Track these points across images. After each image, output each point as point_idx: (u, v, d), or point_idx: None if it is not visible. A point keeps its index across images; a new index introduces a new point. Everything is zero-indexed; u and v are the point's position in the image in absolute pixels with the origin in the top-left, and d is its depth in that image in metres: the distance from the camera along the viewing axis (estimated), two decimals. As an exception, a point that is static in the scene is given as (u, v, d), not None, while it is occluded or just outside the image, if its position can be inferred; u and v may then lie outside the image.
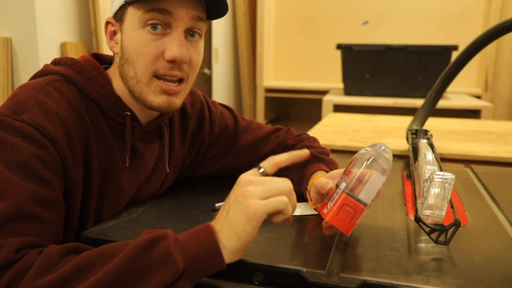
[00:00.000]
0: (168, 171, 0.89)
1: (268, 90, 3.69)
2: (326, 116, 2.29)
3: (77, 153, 0.71)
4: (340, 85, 3.21)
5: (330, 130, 1.83)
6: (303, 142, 0.98)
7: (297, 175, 0.90)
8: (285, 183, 0.61)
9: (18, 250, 0.55)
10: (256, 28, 3.66)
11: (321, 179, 0.73)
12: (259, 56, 3.66)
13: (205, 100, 0.98)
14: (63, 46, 2.05)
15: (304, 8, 3.79)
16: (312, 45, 3.82)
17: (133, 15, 0.73)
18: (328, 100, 2.82)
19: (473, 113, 2.74)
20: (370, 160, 0.63)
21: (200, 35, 0.77)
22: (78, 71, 0.75)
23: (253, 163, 0.76)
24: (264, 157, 0.92)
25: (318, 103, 2.93)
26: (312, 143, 0.99)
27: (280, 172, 0.95)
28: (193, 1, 0.74)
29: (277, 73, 3.97)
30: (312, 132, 1.79)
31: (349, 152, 1.51)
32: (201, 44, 0.79)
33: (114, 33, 0.78)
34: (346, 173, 0.65)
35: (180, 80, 0.76)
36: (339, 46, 2.97)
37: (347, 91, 3.04)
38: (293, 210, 0.61)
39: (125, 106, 0.77)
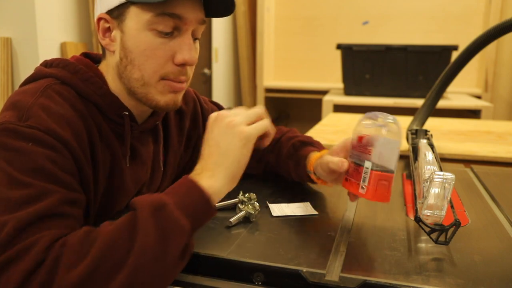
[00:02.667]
0: (162, 169, 0.89)
1: (268, 90, 3.69)
2: (326, 116, 2.29)
3: (86, 154, 0.70)
4: (340, 85, 3.21)
5: (330, 130, 1.83)
6: (286, 134, 1.01)
7: (292, 163, 0.92)
8: (259, 109, 0.69)
9: (48, 246, 0.54)
10: (256, 28, 3.66)
11: (331, 158, 0.76)
12: (259, 56, 3.66)
13: (196, 97, 0.99)
14: (63, 46, 2.05)
15: (304, 8, 3.79)
16: (312, 45, 3.82)
17: (138, 15, 0.71)
18: (328, 100, 2.81)
19: (473, 113, 2.74)
20: (382, 138, 0.68)
21: (198, 38, 0.78)
22: (73, 72, 0.73)
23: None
24: (253, 151, 0.98)
25: (318, 103, 2.93)
26: (294, 133, 1.02)
27: (271, 161, 1.02)
28: (198, 4, 0.73)
29: (277, 73, 3.97)
30: (312, 132, 1.79)
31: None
32: (198, 45, 0.79)
33: (109, 30, 0.75)
34: (364, 151, 0.70)
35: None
36: (339, 46, 2.97)
37: (347, 91, 3.04)
38: (268, 123, 0.70)
39: (123, 105, 0.77)
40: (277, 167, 0.99)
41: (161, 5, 0.69)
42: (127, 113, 0.77)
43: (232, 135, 0.65)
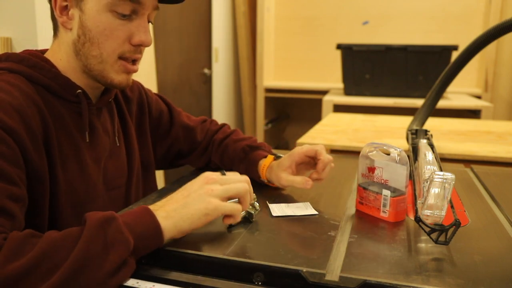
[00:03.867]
0: (118, 144, 0.90)
1: (268, 90, 3.69)
2: (326, 116, 2.29)
3: (37, 142, 0.70)
4: (340, 85, 3.21)
5: (330, 130, 1.83)
6: (230, 137, 1.07)
7: (243, 167, 1.00)
8: (243, 186, 0.69)
9: None
10: (256, 28, 3.66)
11: (293, 178, 0.87)
12: (259, 56, 3.66)
13: (141, 86, 1.03)
14: (63, 46, 2.06)
15: (304, 8, 3.79)
16: (312, 45, 3.81)
17: None
18: (328, 100, 2.81)
19: (473, 113, 2.74)
20: (391, 165, 0.78)
21: (151, 22, 0.83)
22: (18, 61, 0.75)
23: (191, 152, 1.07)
24: (197, 145, 1.09)
25: (318, 103, 2.93)
26: (238, 136, 1.07)
27: (216, 161, 1.10)
28: None
29: (277, 73, 3.97)
30: (312, 132, 1.79)
31: (349, 152, 1.51)
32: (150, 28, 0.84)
33: (66, 8, 0.77)
34: (379, 181, 0.80)
35: (134, 61, 0.81)
36: (339, 46, 2.97)
37: (347, 91, 3.04)
38: (244, 209, 0.70)
39: (75, 85, 0.79)
40: (223, 166, 1.05)
41: None
42: (80, 91, 0.79)
43: (202, 199, 0.65)
